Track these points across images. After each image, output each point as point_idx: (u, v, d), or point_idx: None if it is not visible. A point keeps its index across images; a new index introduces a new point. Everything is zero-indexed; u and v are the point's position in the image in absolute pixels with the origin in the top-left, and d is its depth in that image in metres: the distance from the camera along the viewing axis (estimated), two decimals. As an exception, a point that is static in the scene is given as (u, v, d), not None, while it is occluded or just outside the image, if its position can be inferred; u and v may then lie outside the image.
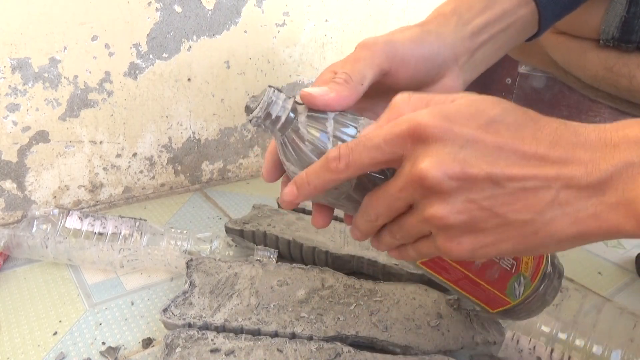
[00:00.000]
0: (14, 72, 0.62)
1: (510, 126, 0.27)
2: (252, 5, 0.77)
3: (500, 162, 0.26)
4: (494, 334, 0.46)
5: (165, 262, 0.58)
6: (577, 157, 0.26)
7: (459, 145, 0.27)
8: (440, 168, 0.27)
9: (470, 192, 0.27)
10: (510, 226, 0.27)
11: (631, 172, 0.25)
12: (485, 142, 0.27)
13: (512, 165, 0.26)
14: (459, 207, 0.27)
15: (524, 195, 0.26)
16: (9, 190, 0.67)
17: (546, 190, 0.26)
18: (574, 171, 0.26)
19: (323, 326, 0.46)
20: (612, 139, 0.26)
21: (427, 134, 0.27)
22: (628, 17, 0.52)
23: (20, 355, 0.46)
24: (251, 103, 0.34)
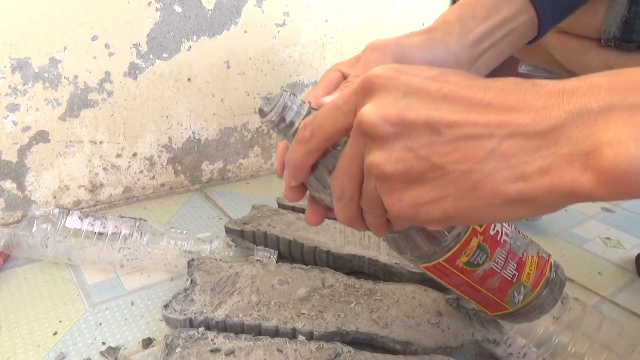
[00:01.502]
0: (14, 72, 0.62)
1: (461, 76, 0.26)
2: (252, 5, 0.77)
3: (442, 109, 0.24)
4: (494, 332, 0.46)
5: (165, 262, 0.58)
6: (527, 104, 0.23)
7: (403, 92, 0.26)
8: (378, 113, 0.25)
9: (407, 139, 0.25)
10: (449, 178, 0.24)
11: (588, 118, 0.21)
12: (431, 90, 0.25)
13: (454, 112, 0.24)
14: (396, 156, 0.25)
15: (464, 143, 0.24)
16: (9, 190, 0.67)
17: (487, 139, 0.23)
18: (521, 118, 0.23)
19: (323, 322, 0.46)
20: (570, 85, 0.23)
21: (374, 84, 0.27)
22: (629, 17, 0.52)
23: (20, 355, 0.46)
24: (265, 106, 0.35)
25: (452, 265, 0.38)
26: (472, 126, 0.24)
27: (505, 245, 0.39)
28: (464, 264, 0.38)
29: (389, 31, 0.99)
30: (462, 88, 0.25)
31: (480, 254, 0.38)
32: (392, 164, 0.25)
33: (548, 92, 0.23)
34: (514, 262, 0.39)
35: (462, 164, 0.24)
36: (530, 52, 0.66)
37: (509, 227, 0.41)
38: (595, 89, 0.22)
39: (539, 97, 0.23)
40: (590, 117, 0.22)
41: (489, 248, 0.38)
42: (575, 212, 0.82)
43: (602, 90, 0.22)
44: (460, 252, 0.38)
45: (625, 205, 0.86)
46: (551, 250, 0.69)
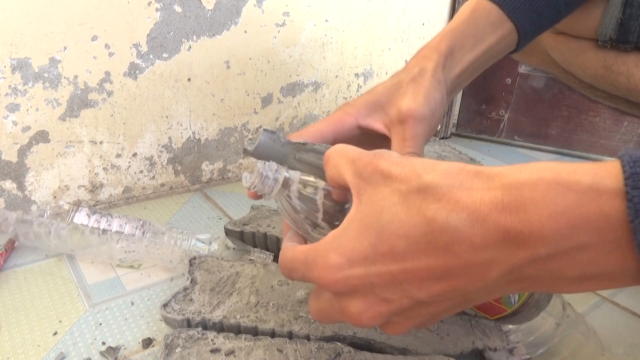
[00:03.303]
0: (14, 72, 0.62)
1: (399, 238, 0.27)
2: (252, 5, 0.77)
3: (413, 286, 0.27)
4: (495, 340, 0.46)
5: (163, 257, 0.58)
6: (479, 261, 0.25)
7: (368, 288, 0.28)
8: (369, 314, 0.29)
9: (406, 313, 0.30)
10: (450, 310, 0.30)
11: (539, 265, 0.24)
12: (388, 272, 0.27)
13: (424, 285, 0.27)
14: (403, 325, 0.31)
15: (449, 302, 0.29)
16: (9, 190, 0.67)
17: (465, 295, 0.28)
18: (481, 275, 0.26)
19: (321, 326, 0.46)
20: (513, 230, 0.24)
21: (336, 288, 0.29)
22: (624, 18, 0.52)
23: (20, 355, 0.46)
24: (248, 146, 0.38)
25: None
26: (448, 292, 0.27)
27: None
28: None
29: (389, 31, 0.99)
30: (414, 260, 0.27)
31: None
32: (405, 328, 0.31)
33: (493, 243, 0.24)
34: None
35: (455, 304, 0.29)
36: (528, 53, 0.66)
37: None
38: (539, 237, 0.23)
39: (484, 254, 0.25)
40: (543, 262, 0.24)
41: None
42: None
43: (547, 237, 0.23)
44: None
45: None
46: (551, 250, 0.69)
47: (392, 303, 0.28)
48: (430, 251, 0.26)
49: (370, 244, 0.28)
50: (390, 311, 0.29)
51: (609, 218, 0.22)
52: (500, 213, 0.24)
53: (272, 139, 0.39)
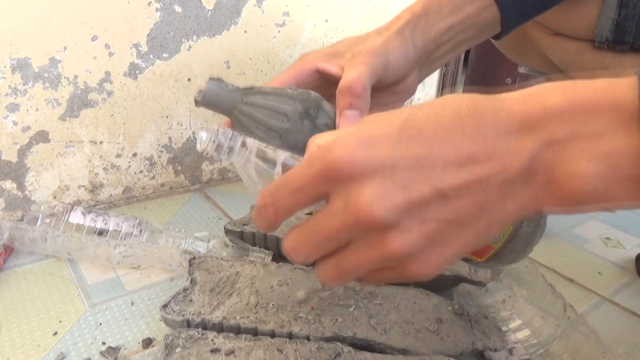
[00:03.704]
0: (14, 72, 0.62)
1: (427, 123, 0.26)
2: (252, 5, 0.77)
3: (437, 172, 0.25)
4: (495, 340, 0.45)
5: (162, 260, 0.58)
6: (503, 148, 0.25)
7: (388, 173, 0.25)
8: (383, 202, 0.25)
9: (422, 213, 0.26)
10: (467, 228, 0.27)
11: (556, 149, 0.25)
12: (414, 155, 0.25)
13: (448, 171, 0.25)
14: (416, 233, 0.26)
15: (469, 199, 0.26)
16: (9, 190, 0.67)
17: (485, 191, 0.26)
18: (502, 165, 0.25)
19: (321, 327, 0.46)
20: (533, 114, 0.25)
21: (349, 171, 0.26)
22: (620, 19, 0.53)
23: (20, 355, 0.46)
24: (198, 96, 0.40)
25: None
26: (470, 184, 0.25)
27: None
28: None
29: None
30: (443, 142, 0.26)
31: None
32: (415, 241, 0.26)
33: (515, 131, 0.25)
34: None
35: (473, 213, 0.26)
36: (525, 55, 0.66)
37: None
38: (557, 117, 0.24)
39: (509, 140, 0.25)
40: (556, 148, 0.25)
41: None
42: (575, 212, 0.82)
43: (564, 116, 0.24)
44: None
45: (625, 206, 0.86)
46: (551, 250, 0.69)
47: (411, 192, 0.25)
48: (457, 135, 0.25)
49: (396, 127, 0.26)
50: (406, 202, 0.25)
51: (622, 109, 0.24)
52: (522, 103, 0.25)
53: (220, 86, 0.40)
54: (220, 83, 0.41)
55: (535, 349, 0.45)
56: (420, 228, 0.26)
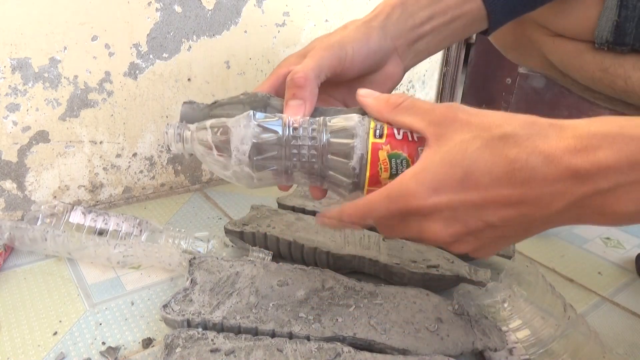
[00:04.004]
0: (14, 72, 0.62)
1: (483, 175, 0.32)
2: (252, 5, 0.77)
3: (490, 211, 0.33)
4: (495, 340, 0.45)
5: (162, 260, 0.58)
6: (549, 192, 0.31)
7: (451, 211, 0.34)
8: (447, 232, 0.35)
9: (477, 235, 0.35)
10: (514, 237, 0.36)
11: (599, 197, 0.30)
12: (471, 201, 0.33)
13: (498, 211, 0.33)
14: (472, 245, 0.36)
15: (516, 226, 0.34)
16: (9, 190, 0.67)
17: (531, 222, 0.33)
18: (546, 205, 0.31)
19: (321, 327, 0.46)
20: (582, 168, 0.30)
21: (422, 212, 0.35)
22: (620, 21, 0.52)
23: (20, 355, 0.46)
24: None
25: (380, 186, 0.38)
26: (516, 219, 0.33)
27: (422, 141, 0.38)
28: (389, 178, 0.38)
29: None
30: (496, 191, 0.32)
31: (399, 162, 0.38)
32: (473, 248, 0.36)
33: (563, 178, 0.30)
34: None
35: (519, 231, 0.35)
36: (525, 56, 0.66)
37: None
38: (604, 172, 0.29)
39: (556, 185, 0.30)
40: (602, 195, 0.30)
41: (404, 151, 0.38)
42: (575, 212, 0.82)
43: (610, 172, 0.29)
44: (375, 171, 0.39)
45: (625, 206, 0.86)
46: (551, 250, 0.69)
47: (469, 225, 0.34)
48: (509, 185, 0.32)
49: (457, 179, 0.33)
50: (465, 232, 0.34)
51: None
52: (572, 156, 0.30)
53: (192, 107, 0.45)
54: (192, 104, 0.46)
55: (535, 349, 0.45)
56: (475, 242, 0.36)
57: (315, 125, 0.40)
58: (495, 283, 0.51)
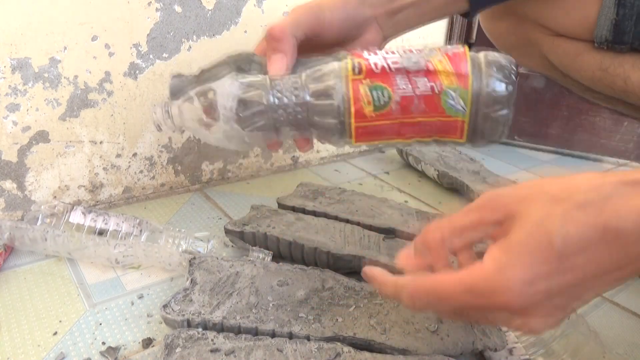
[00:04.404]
0: (14, 72, 0.62)
1: (578, 254, 0.29)
2: (252, 5, 0.77)
3: (588, 294, 0.31)
4: (495, 340, 0.45)
5: (162, 260, 0.58)
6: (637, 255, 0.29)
7: (549, 301, 0.30)
8: (547, 325, 0.32)
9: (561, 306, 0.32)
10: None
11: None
12: (565, 287, 0.30)
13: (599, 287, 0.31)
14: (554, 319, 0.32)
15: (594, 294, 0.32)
16: (9, 190, 0.67)
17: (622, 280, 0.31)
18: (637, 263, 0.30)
19: (321, 327, 0.46)
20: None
21: (516, 308, 0.31)
22: (618, 19, 0.53)
23: (20, 355, 0.46)
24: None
25: (367, 120, 0.39)
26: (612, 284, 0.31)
27: (400, 70, 0.39)
28: (373, 111, 0.39)
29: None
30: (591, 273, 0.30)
31: (380, 93, 0.39)
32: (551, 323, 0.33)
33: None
34: (421, 76, 0.39)
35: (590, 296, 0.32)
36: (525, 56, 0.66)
37: (395, 53, 0.41)
38: None
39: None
40: None
41: (384, 83, 0.39)
42: (575, 212, 0.82)
43: None
44: (359, 106, 0.39)
45: (625, 206, 0.86)
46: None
47: (567, 311, 0.32)
48: (605, 260, 0.29)
49: (553, 263, 0.30)
50: (565, 314, 0.32)
51: None
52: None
53: (180, 80, 0.46)
54: (180, 77, 0.47)
55: (535, 349, 0.45)
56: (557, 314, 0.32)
57: (297, 78, 0.41)
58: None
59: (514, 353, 0.45)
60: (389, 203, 0.71)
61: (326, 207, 0.68)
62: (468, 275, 0.32)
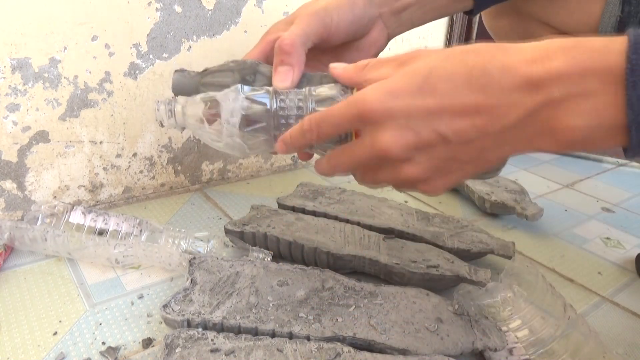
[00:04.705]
0: (14, 72, 0.62)
1: (442, 80, 0.32)
2: (252, 5, 0.77)
3: (444, 121, 0.32)
4: (495, 340, 0.45)
5: (162, 260, 0.58)
6: (504, 102, 0.31)
7: (404, 119, 0.33)
8: (398, 142, 0.34)
9: (429, 152, 0.34)
10: (467, 164, 0.34)
11: (552, 107, 0.29)
12: (426, 107, 0.33)
13: (453, 121, 0.32)
14: (424, 166, 0.35)
15: (469, 144, 0.33)
16: (9, 190, 0.67)
17: (484, 138, 0.32)
18: (500, 116, 0.31)
19: (321, 327, 0.46)
20: (536, 76, 0.30)
21: (373, 117, 0.34)
22: (623, 16, 0.52)
23: (20, 355, 0.47)
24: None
25: None
26: (470, 132, 0.32)
27: None
28: None
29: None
30: (450, 98, 0.32)
31: None
32: (423, 172, 0.35)
33: (518, 86, 0.30)
34: None
35: (473, 154, 0.34)
36: None
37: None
38: (556, 80, 0.29)
39: (511, 94, 0.30)
40: (552, 106, 0.30)
41: None
42: (575, 213, 0.82)
43: (562, 79, 0.29)
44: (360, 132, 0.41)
45: (625, 206, 0.86)
46: (551, 250, 0.69)
47: (421, 135, 0.33)
48: (466, 92, 0.31)
49: (415, 85, 0.33)
50: (416, 143, 0.33)
51: (612, 71, 0.28)
52: (528, 66, 0.30)
53: (183, 75, 0.47)
54: (183, 72, 0.47)
55: (535, 349, 0.45)
56: (427, 163, 0.34)
57: (301, 96, 0.41)
58: (495, 283, 0.51)
59: (514, 353, 0.45)
60: (389, 203, 0.71)
61: (326, 207, 0.68)
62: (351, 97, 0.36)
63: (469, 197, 0.82)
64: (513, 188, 0.80)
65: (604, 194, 0.90)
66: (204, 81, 0.46)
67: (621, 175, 1.00)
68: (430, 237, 0.63)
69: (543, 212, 0.73)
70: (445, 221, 0.68)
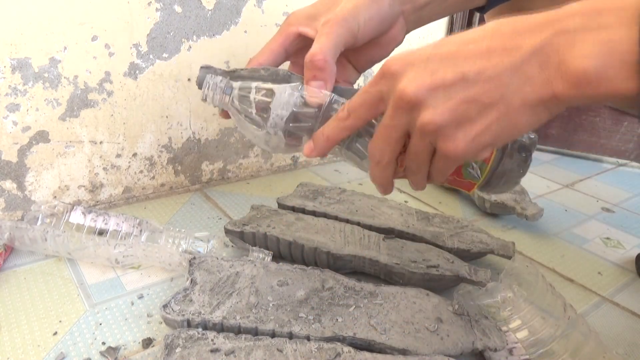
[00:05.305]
0: (14, 72, 0.62)
1: (457, 37, 0.34)
2: (252, 5, 0.77)
3: (459, 61, 0.32)
4: (495, 340, 0.45)
5: (162, 260, 0.58)
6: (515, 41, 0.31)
7: (422, 64, 0.34)
8: (413, 83, 0.33)
9: (446, 93, 0.33)
10: (488, 109, 0.32)
11: (566, 36, 0.29)
12: (441, 54, 0.33)
13: (468, 60, 0.32)
14: (441, 108, 0.33)
15: (489, 82, 0.32)
16: (9, 190, 0.67)
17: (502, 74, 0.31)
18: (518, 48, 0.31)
19: (321, 327, 0.46)
20: (551, 15, 0.31)
21: (393, 69, 0.35)
22: None
23: (20, 355, 0.47)
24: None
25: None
26: (487, 69, 0.32)
27: None
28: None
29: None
30: (465, 45, 0.33)
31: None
32: (441, 116, 0.33)
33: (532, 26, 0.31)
34: None
35: (494, 95, 0.32)
36: None
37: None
38: (571, 14, 0.30)
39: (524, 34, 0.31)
40: (567, 35, 0.29)
41: None
42: (575, 212, 0.82)
43: (576, 15, 0.30)
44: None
45: (625, 205, 0.86)
46: (551, 250, 0.69)
47: (436, 76, 0.33)
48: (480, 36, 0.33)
49: (432, 44, 0.35)
50: (431, 84, 0.33)
51: (627, 7, 0.28)
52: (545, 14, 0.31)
53: (209, 72, 0.48)
54: (209, 69, 0.48)
55: (535, 348, 0.45)
56: (444, 105, 0.33)
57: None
58: (495, 283, 0.51)
59: (514, 353, 0.45)
60: (389, 203, 0.71)
61: (326, 207, 0.68)
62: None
63: (468, 197, 0.82)
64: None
65: (604, 194, 0.90)
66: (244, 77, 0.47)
67: (621, 175, 1.00)
68: (430, 237, 0.63)
69: (543, 212, 0.74)
70: (445, 221, 0.68)
